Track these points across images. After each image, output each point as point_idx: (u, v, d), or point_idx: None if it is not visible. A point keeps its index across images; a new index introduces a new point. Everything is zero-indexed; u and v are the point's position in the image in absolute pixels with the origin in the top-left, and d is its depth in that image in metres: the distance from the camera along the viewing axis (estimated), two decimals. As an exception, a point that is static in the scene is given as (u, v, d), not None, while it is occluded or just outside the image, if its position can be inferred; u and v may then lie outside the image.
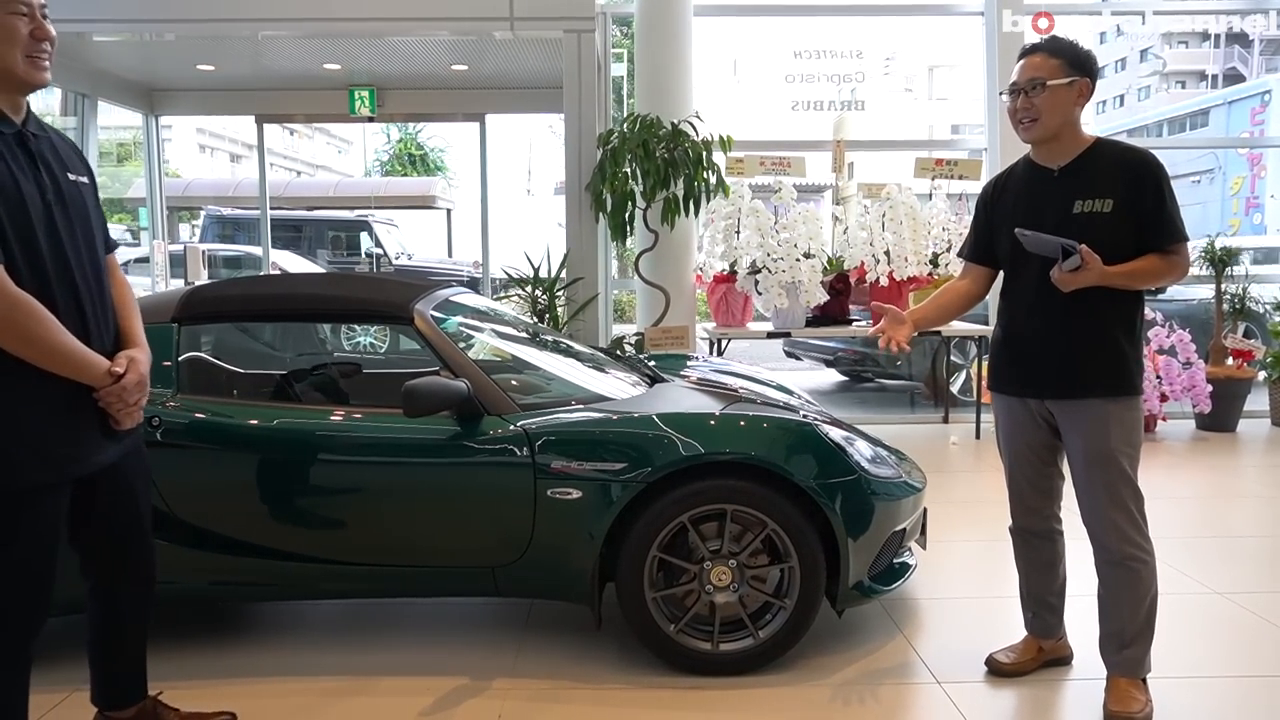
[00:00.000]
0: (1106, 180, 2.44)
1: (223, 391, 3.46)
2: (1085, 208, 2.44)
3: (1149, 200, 2.41)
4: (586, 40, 6.26)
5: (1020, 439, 2.65)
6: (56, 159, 2.01)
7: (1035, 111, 2.45)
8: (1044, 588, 2.75)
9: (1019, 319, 2.58)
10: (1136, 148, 2.50)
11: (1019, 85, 2.47)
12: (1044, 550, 2.72)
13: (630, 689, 2.70)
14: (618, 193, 5.90)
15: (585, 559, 2.74)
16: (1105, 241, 2.37)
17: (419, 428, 2.76)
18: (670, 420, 2.80)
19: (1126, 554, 2.46)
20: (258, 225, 13.78)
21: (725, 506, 2.72)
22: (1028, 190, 2.56)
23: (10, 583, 1.92)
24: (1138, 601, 2.47)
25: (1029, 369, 2.57)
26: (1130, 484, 2.47)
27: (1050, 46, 2.48)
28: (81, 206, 2.03)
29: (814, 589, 2.74)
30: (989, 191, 2.71)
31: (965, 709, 2.57)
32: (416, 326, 2.94)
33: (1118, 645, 2.51)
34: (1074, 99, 2.45)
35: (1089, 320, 2.45)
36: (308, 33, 6.64)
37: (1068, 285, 2.39)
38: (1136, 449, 2.49)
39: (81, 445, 1.98)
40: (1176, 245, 2.42)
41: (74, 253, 1.97)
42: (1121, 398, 2.46)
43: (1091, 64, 2.48)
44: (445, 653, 2.96)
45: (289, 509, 2.85)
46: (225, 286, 3.25)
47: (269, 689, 2.73)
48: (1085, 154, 2.49)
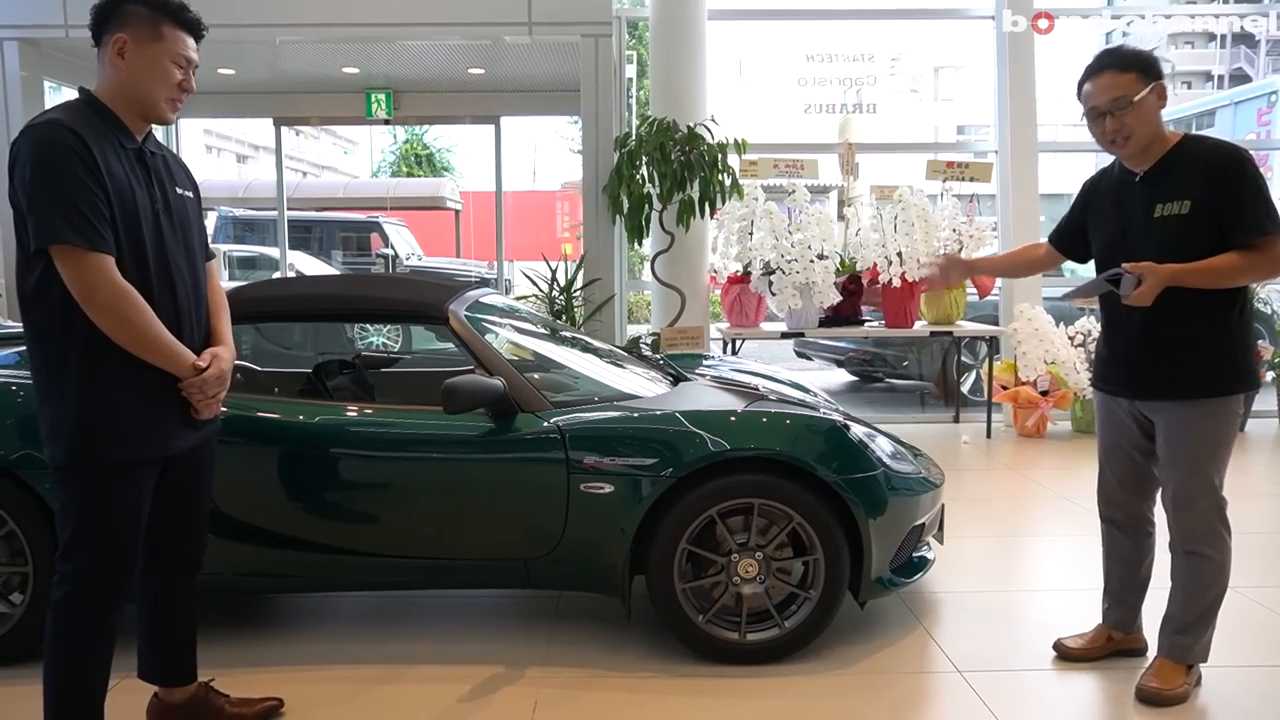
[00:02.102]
0: (1186, 182, 2.41)
1: (263, 389, 3.55)
2: (1164, 211, 2.42)
3: (1226, 196, 2.36)
4: (604, 44, 6.35)
5: (1112, 435, 2.71)
6: (168, 174, 2.20)
7: (1128, 130, 2.43)
8: (1122, 582, 2.79)
9: (1116, 321, 2.61)
10: (1222, 143, 2.45)
11: (1103, 109, 2.43)
12: (1126, 545, 2.77)
13: (660, 677, 2.79)
14: (634, 195, 5.99)
15: (616, 552, 2.83)
16: (1183, 244, 2.37)
17: (455, 424, 2.85)
18: (698, 417, 2.89)
19: (1193, 548, 2.53)
20: (269, 226, 13.91)
21: (752, 501, 2.81)
22: (1116, 196, 2.58)
23: (103, 549, 2.06)
24: (1198, 593, 2.53)
25: (1120, 369, 2.62)
26: (1205, 484, 2.49)
27: (1118, 61, 2.44)
28: (185, 217, 2.22)
29: (838, 581, 2.83)
30: (1087, 190, 2.73)
31: (986, 697, 2.66)
32: (451, 326, 3.03)
33: (1172, 629, 2.59)
34: (1156, 106, 2.44)
35: (1174, 323, 2.44)
36: (330, 38, 6.73)
37: (1145, 300, 2.39)
38: (1216, 450, 2.49)
39: (166, 429, 2.13)
40: (1261, 239, 2.33)
41: (174, 257, 2.15)
42: (1203, 400, 2.45)
43: (1157, 65, 2.45)
44: (478, 642, 3.06)
45: (329, 504, 2.94)
46: (264, 288, 3.35)
47: (310, 676, 2.82)
48: (1167, 156, 2.46)
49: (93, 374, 2.00)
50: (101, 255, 1.95)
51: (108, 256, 1.96)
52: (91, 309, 1.95)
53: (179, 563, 2.36)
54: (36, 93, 6.43)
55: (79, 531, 2.04)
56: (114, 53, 2.06)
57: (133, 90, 2.08)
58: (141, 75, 2.07)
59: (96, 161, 1.96)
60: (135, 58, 2.06)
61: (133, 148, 2.10)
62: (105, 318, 1.97)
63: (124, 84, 2.07)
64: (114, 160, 2.02)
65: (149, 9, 2.07)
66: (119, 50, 2.06)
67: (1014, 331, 6.47)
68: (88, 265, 1.93)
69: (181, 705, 2.44)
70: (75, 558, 2.05)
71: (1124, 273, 2.37)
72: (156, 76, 2.08)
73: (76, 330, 1.98)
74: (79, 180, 1.93)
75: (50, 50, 6.59)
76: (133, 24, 2.06)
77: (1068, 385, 6.35)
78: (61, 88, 7.27)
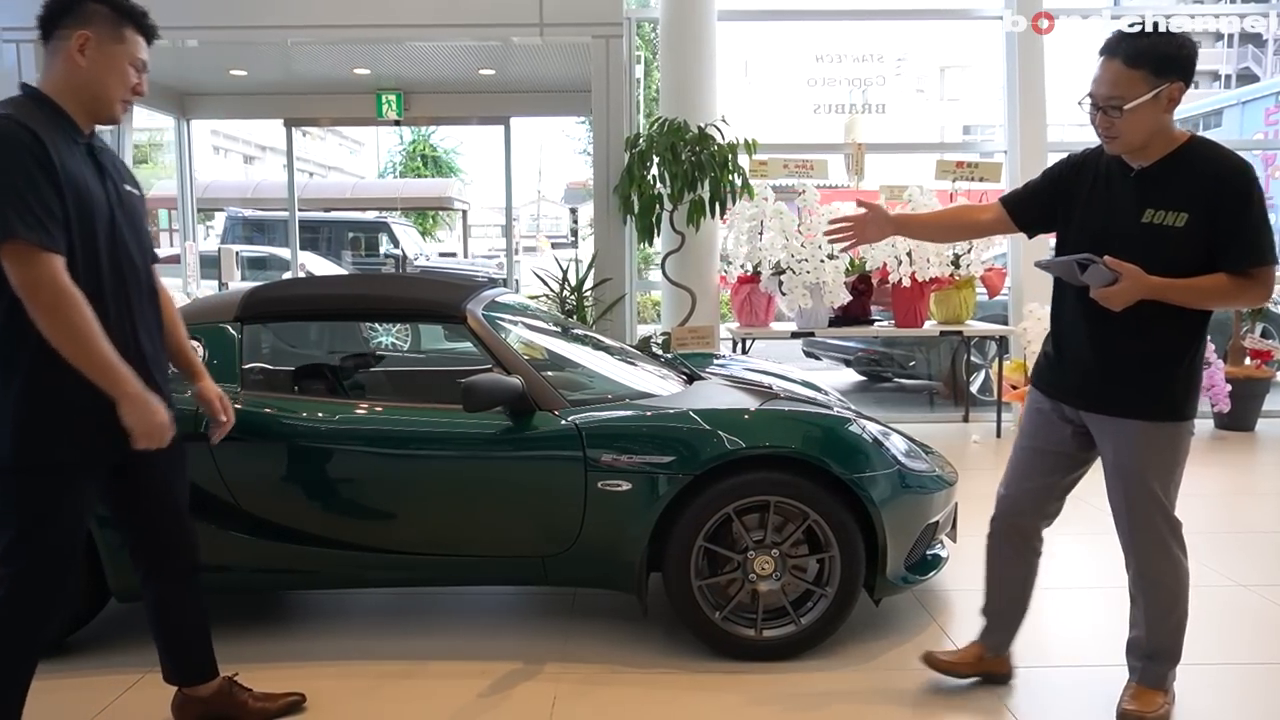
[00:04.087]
0: (1186, 191, 2.18)
1: (283, 388, 3.58)
2: (1155, 218, 2.20)
3: (1227, 216, 2.16)
4: (615, 45, 6.38)
5: (1039, 439, 2.50)
6: (115, 171, 2.17)
7: (1115, 130, 2.20)
8: (1006, 602, 2.61)
9: (1071, 321, 2.40)
10: (1230, 156, 2.21)
11: (1098, 102, 2.20)
12: (1014, 562, 2.58)
13: (678, 673, 2.82)
14: (645, 195, 6.02)
15: (633, 549, 2.86)
16: (1173, 258, 2.18)
17: (474, 422, 2.88)
18: (714, 415, 2.92)
19: (1149, 572, 2.38)
20: (278, 226, 13.97)
21: (769, 498, 2.83)
22: (1104, 185, 2.32)
23: (43, 554, 2.03)
24: (1160, 617, 2.40)
25: (1069, 375, 2.41)
26: (1159, 509, 2.34)
27: (1129, 52, 2.16)
28: (138, 215, 2.20)
29: (854, 578, 2.85)
30: (1064, 169, 2.45)
31: (1002, 693, 2.68)
32: (469, 325, 3.06)
33: (1140, 653, 2.46)
34: (1160, 110, 2.17)
35: (1140, 337, 2.26)
36: (341, 39, 6.77)
37: (1113, 302, 2.20)
38: (1170, 475, 2.33)
39: (119, 430, 2.04)
40: (1256, 269, 2.17)
41: (131, 254, 2.13)
42: (1161, 422, 2.29)
43: (1182, 61, 2.15)
44: (495, 639, 3.08)
45: (348, 501, 2.97)
46: (283, 287, 3.39)
47: (330, 671, 2.85)
48: (1170, 156, 2.22)
49: (43, 372, 1.97)
50: (51, 254, 1.91)
51: (57, 256, 1.92)
52: (33, 307, 1.91)
53: (172, 566, 2.35)
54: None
55: (21, 534, 2.00)
56: (74, 49, 2.02)
57: (89, 89, 2.04)
58: (101, 75, 2.04)
59: (52, 159, 1.94)
60: (97, 56, 2.03)
61: (83, 142, 2.07)
62: (45, 318, 1.92)
63: (81, 82, 2.04)
64: (69, 157, 1.99)
65: (113, 10, 2.06)
66: (80, 47, 2.02)
67: (1023, 331, 6.48)
68: (35, 262, 1.90)
69: (206, 700, 2.46)
70: (13, 562, 2.01)
71: (1098, 262, 2.15)
72: (115, 77, 2.06)
73: (29, 327, 1.93)
74: (33, 177, 1.91)
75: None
76: (96, 23, 2.03)
77: (1077, 385, 6.34)
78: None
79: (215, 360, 2.99)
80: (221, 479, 2.89)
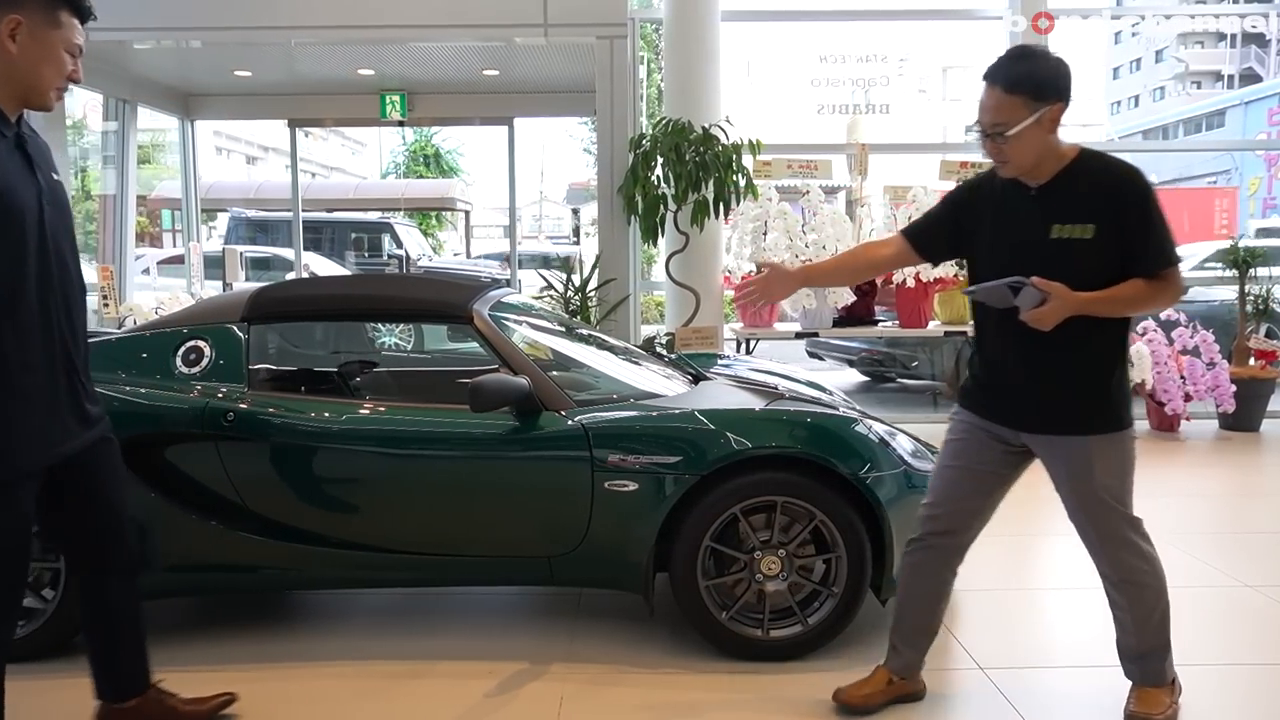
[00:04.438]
0: (1087, 202, 2.23)
1: (290, 388, 3.59)
2: (1064, 233, 2.24)
3: (1134, 224, 2.21)
4: (619, 45, 6.39)
5: (972, 457, 2.45)
6: (43, 159, 2.06)
7: (1004, 155, 2.25)
8: (917, 621, 2.56)
9: (997, 345, 2.39)
10: (1120, 164, 2.27)
11: (984, 128, 2.25)
12: (931, 581, 2.53)
13: (685, 673, 2.82)
14: (649, 196, 6.02)
15: (640, 549, 2.86)
16: (1086, 270, 2.21)
17: (481, 423, 2.88)
18: (720, 416, 2.92)
19: (1126, 576, 2.37)
20: (281, 227, 13.98)
21: (776, 498, 2.83)
22: (1006, 207, 2.34)
23: None
24: (1145, 617, 2.39)
25: (1004, 398, 2.40)
26: (1121, 515, 2.34)
27: (1008, 79, 2.22)
28: (65, 206, 2.11)
29: (860, 578, 2.85)
30: (962, 194, 2.49)
31: (1008, 692, 2.68)
32: (475, 325, 3.06)
33: (1133, 657, 2.45)
34: (1045, 131, 2.22)
35: (1070, 353, 2.28)
36: (345, 40, 6.78)
37: (1044, 323, 2.21)
38: (1123, 481, 2.34)
39: (57, 433, 2.00)
40: (1166, 270, 2.24)
41: (63, 248, 2.04)
42: (1107, 434, 2.31)
43: (1057, 83, 2.22)
44: (501, 639, 3.09)
45: (354, 501, 2.97)
46: (290, 287, 3.40)
47: (334, 671, 2.85)
48: (1064, 172, 2.27)
49: None
50: None
51: None
52: None
53: (109, 568, 2.27)
54: (56, 95, 6.48)
55: None
56: (5, 34, 1.92)
57: (21, 75, 1.95)
58: (35, 61, 1.95)
59: None
60: (29, 42, 1.94)
61: (12, 134, 1.98)
62: None
63: (12, 69, 1.94)
64: None
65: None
66: (11, 32, 1.92)
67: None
68: None
69: (132, 710, 2.33)
70: None
71: (1028, 284, 2.17)
72: (51, 64, 1.97)
73: None
74: None
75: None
76: (29, 7, 1.93)
77: (1082, 385, 6.35)
78: (80, 89, 7.35)
79: (222, 360, 3.00)
80: (228, 479, 2.89)
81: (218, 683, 2.73)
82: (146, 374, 2.98)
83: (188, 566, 2.93)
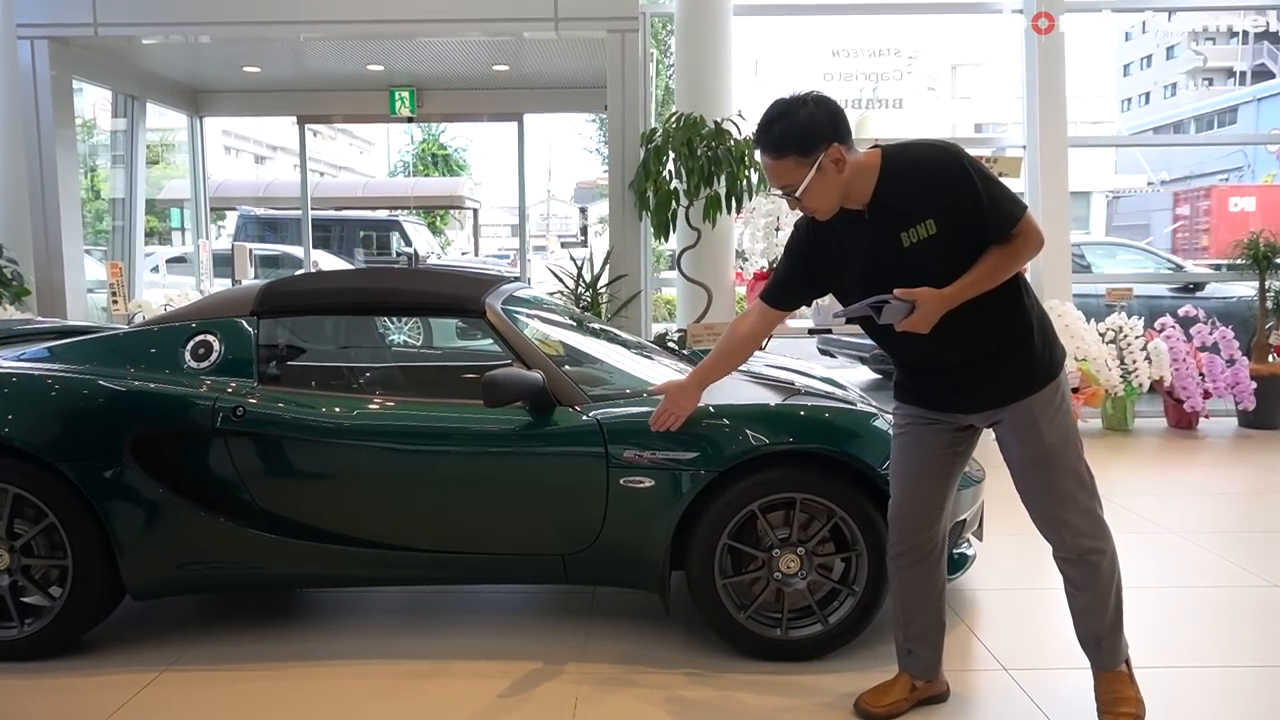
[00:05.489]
0: (917, 203, 2.18)
1: (300, 383, 3.54)
2: (912, 237, 2.18)
3: (966, 203, 2.14)
4: (630, 40, 6.33)
5: (921, 445, 2.43)
6: None
7: (809, 208, 2.25)
8: (926, 620, 2.51)
9: (906, 352, 2.36)
10: (922, 150, 2.22)
11: (782, 192, 2.25)
12: (925, 579, 2.48)
13: (702, 672, 2.77)
14: (661, 191, 5.96)
15: (656, 547, 2.81)
16: (949, 262, 2.17)
17: (494, 418, 2.83)
18: (736, 411, 2.86)
19: (1082, 549, 2.30)
20: (290, 225, 13.96)
21: (794, 495, 2.78)
22: (850, 237, 2.29)
23: None
24: (1103, 595, 2.32)
25: (936, 393, 2.38)
26: (1074, 475, 2.30)
27: (772, 146, 2.19)
28: None
29: (881, 575, 2.78)
30: (800, 244, 2.42)
31: (1033, 693, 2.62)
32: (488, 319, 3.01)
33: (1093, 641, 2.38)
34: (833, 174, 2.17)
35: (983, 335, 2.24)
36: (354, 35, 6.74)
37: (921, 328, 2.18)
38: (1070, 434, 2.30)
39: None
40: (1017, 227, 2.17)
41: None
42: (1045, 388, 2.28)
43: (818, 129, 2.15)
44: (515, 638, 3.04)
45: (368, 498, 2.92)
46: (301, 281, 3.35)
47: (347, 671, 2.81)
48: (881, 183, 2.21)
49: None
50: None
51: None
52: None
53: None
54: (65, 91, 6.46)
55: None
56: None
57: None
58: None
59: None
60: None
61: None
62: None
63: None
64: None
65: None
66: None
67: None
68: None
69: None
70: None
71: (890, 300, 2.13)
72: None
73: None
74: None
75: (79, 49, 6.60)
76: None
77: (1099, 382, 6.27)
78: (89, 86, 7.33)
79: (231, 355, 2.96)
80: (239, 476, 2.85)
81: (226, 682, 2.70)
82: (155, 369, 2.94)
83: (197, 564, 2.88)
